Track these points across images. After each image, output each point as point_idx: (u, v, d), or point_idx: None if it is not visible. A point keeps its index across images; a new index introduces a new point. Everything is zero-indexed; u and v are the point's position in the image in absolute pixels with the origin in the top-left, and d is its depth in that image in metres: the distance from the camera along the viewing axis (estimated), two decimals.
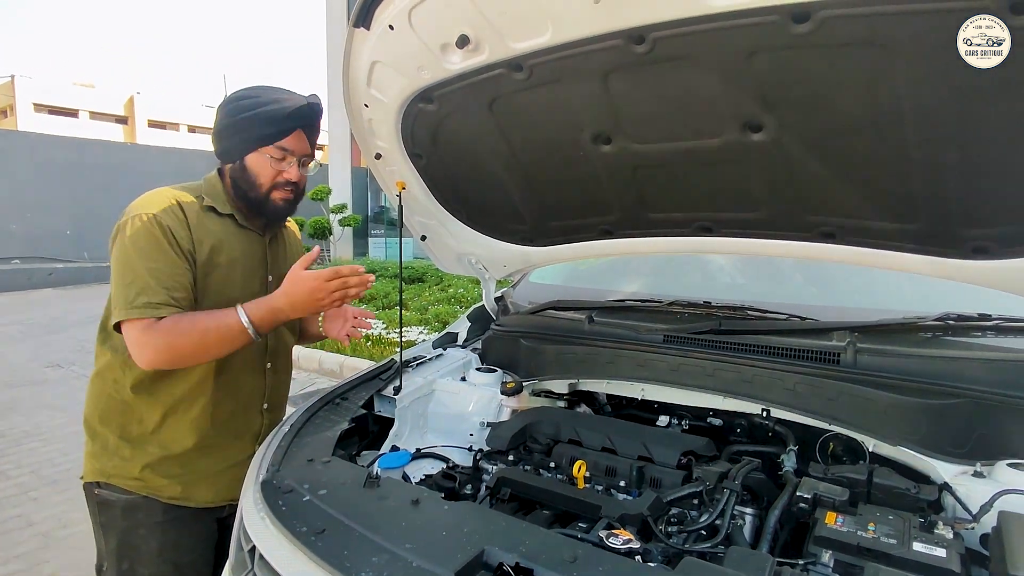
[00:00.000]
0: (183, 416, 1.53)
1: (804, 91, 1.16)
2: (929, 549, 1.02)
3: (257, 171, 1.51)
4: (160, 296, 1.37)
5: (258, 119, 1.48)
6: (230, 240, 1.55)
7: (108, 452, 1.53)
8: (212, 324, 1.40)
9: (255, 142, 1.50)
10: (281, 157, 1.52)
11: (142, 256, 1.39)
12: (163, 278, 1.39)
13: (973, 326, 1.50)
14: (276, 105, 1.48)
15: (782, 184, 1.39)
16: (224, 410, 1.58)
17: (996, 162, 1.14)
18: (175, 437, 1.53)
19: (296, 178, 1.55)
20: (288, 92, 1.54)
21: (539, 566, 0.94)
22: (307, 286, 1.43)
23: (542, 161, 1.64)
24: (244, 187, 1.53)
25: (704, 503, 1.31)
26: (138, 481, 1.52)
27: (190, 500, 1.55)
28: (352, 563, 0.97)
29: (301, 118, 1.51)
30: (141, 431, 1.52)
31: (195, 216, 1.49)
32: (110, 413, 1.54)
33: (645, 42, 1.17)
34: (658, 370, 1.69)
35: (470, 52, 1.32)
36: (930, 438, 1.32)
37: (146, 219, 1.41)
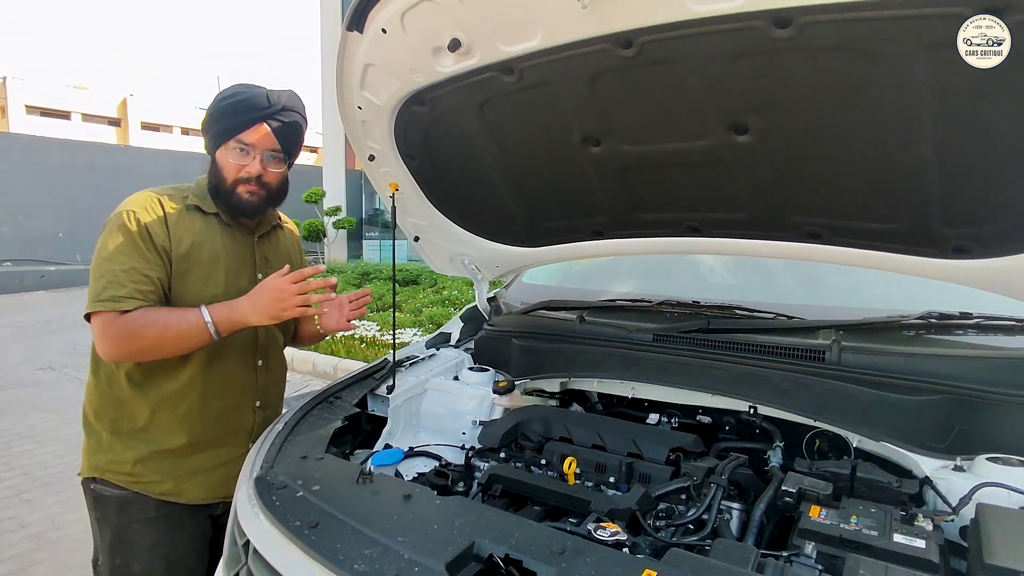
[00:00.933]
0: (172, 412, 1.54)
1: (787, 94, 1.19)
2: (909, 540, 1.04)
3: (222, 165, 1.54)
4: (125, 290, 1.41)
5: (220, 113, 1.51)
6: (214, 238, 1.56)
7: (102, 448, 1.55)
8: (172, 320, 1.43)
9: (220, 136, 1.53)
10: (242, 151, 1.53)
11: (115, 251, 1.43)
12: (131, 272, 1.42)
13: (955, 324, 1.54)
14: (235, 98, 1.51)
15: (768, 185, 1.42)
16: (214, 407, 1.59)
17: (974, 165, 1.17)
18: (165, 433, 1.55)
19: (256, 171, 1.54)
20: (251, 86, 1.55)
21: (528, 557, 0.96)
22: (270, 290, 1.42)
23: (533, 162, 1.66)
24: (214, 182, 1.56)
25: (692, 498, 1.33)
26: (129, 476, 1.53)
27: (181, 496, 1.56)
28: (345, 556, 0.99)
29: (258, 109, 1.51)
30: (132, 427, 1.54)
31: (176, 214, 1.52)
32: (104, 408, 1.56)
33: (632, 46, 1.19)
34: (648, 369, 1.72)
35: (461, 55, 1.35)
36: (912, 433, 1.35)
37: (124, 216, 1.46)
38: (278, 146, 1.56)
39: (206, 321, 1.44)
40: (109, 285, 1.40)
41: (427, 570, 0.94)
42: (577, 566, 0.93)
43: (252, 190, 1.55)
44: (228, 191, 1.55)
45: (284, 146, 1.57)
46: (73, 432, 4.68)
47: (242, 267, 1.63)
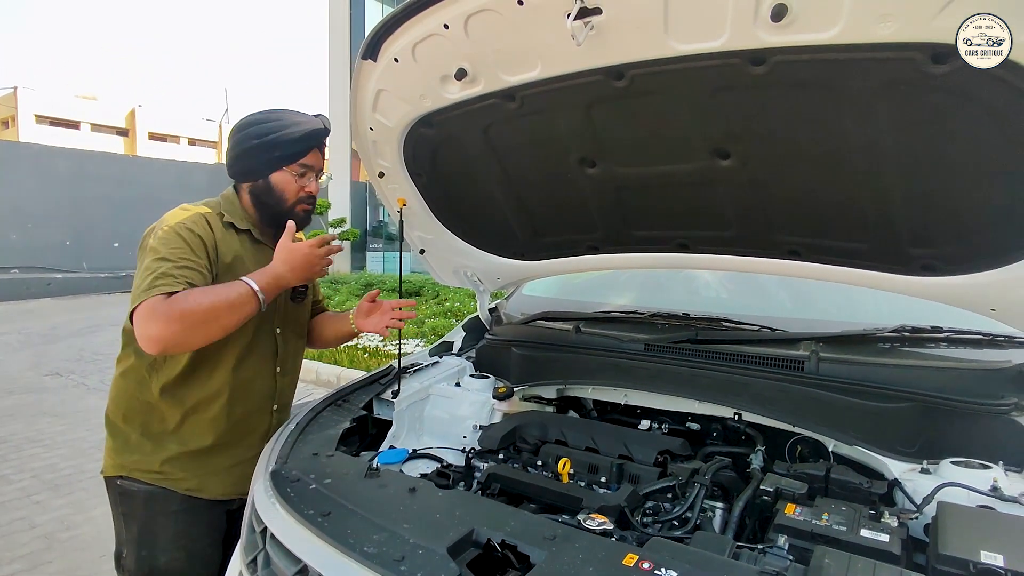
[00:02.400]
0: (202, 416, 1.64)
1: (764, 124, 1.30)
2: (875, 535, 1.14)
3: (283, 187, 1.67)
4: (176, 280, 1.44)
5: (282, 141, 1.63)
6: (247, 255, 1.68)
7: (130, 448, 1.64)
8: (222, 293, 1.47)
9: (281, 161, 1.65)
10: (303, 173, 1.68)
11: (168, 251, 1.48)
12: (180, 265, 1.47)
13: (926, 337, 1.64)
14: (297, 128, 1.64)
15: (750, 205, 1.53)
16: (238, 411, 1.69)
17: (936, 190, 1.27)
18: (194, 435, 1.64)
19: (316, 190, 1.73)
20: (301, 114, 1.69)
21: (522, 542, 1.06)
22: (302, 251, 1.59)
23: (533, 181, 1.77)
24: (270, 203, 1.68)
25: (677, 496, 1.42)
26: (157, 474, 1.63)
27: (203, 492, 1.66)
28: (356, 540, 1.09)
29: (318, 138, 1.69)
30: (162, 429, 1.64)
31: (220, 231, 1.63)
32: (133, 413, 1.65)
33: (624, 78, 1.31)
34: (639, 377, 1.82)
35: (467, 83, 1.46)
36: (883, 439, 1.44)
37: (175, 226, 1.54)
38: (323, 164, 1.75)
39: (254, 289, 1.51)
40: (159, 278, 1.42)
41: (430, 553, 1.03)
42: (566, 550, 1.03)
43: (307, 208, 1.72)
44: (287, 210, 1.68)
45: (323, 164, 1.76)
46: (80, 436, 4.78)
47: None
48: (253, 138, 1.63)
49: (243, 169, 1.69)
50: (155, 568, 1.62)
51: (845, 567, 1.02)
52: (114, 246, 15.23)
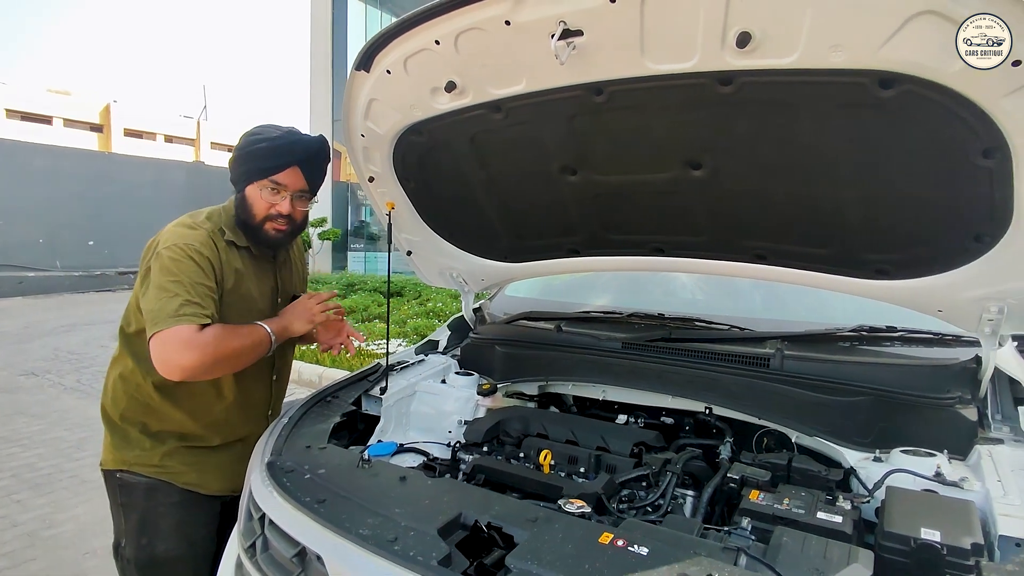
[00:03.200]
0: (203, 420, 1.71)
1: (732, 138, 1.40)
2: (829, 517, 1.24)
3: (252, 202, 1.65)
4: (202, 309, 1.51)
5: (257, 154, 1.62)
6: (248, 272, 1.72)
7: (130, 443, 1.69)
8: (247, 337, 1.58)
9: (253, 174, 1.64)
10: (274, 190, 1.64)
11: (185, 273, 1.52)
12: (203, 296, 1.53)
13: (882, 336, 1.76)
14: (273, 142, 1.61)
15: (720, 213, 1.63)
16: (237, 417, 1.76)
17: (886, 201, 1.39)
18: (196, 435, 1.71)
19: (287, 211, 1.66)
20: (290, 130, 1.67)
21: (506, 524, 1.14)
22: (304, 308, 1.76)
23: (517, 187, 1.86)
24: (243, 216, 1.67)
25: (651, 485, 1.52)
26: (158, 468, 1.68)
27: (202, 487, 1.72)
28: (351, 524, 1.16)
29: (294, 155, 1.63)
30: (162, 428, 1.69)
31: (224, 251, 1.65)
32: (132, 412, 1.69)
33: (603, 93, 1.40)
34: (616, 373, 1.91)
35: (456, 95, 1.54)
36: (840, 430, 1.56)
37: (189, 249, 1.56)
38: (306, 186, 1.69)
39: (270, 335, 1.62)
40: (187, 302, 1.48)
41: (422, 534, 1.12)
42: (547, 530, 1.12)
43: (279, 228, 1.68)
44: (256, 226, 1.67)
45: (311, 185, 1.70)
46: (59, 436, 4.75)
47: (266, 292, 1.79)
48: (238, 149, 1.66)
49: (231, 179, 1.70)
50: (154, 556, 1.67)
51: (801, 544, 1.13)
52: (89, 244, 14.99)
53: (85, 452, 4.38)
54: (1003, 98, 1.04)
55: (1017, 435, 1.49)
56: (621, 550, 1.05)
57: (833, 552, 1.10)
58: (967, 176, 1.22)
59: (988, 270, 1.37)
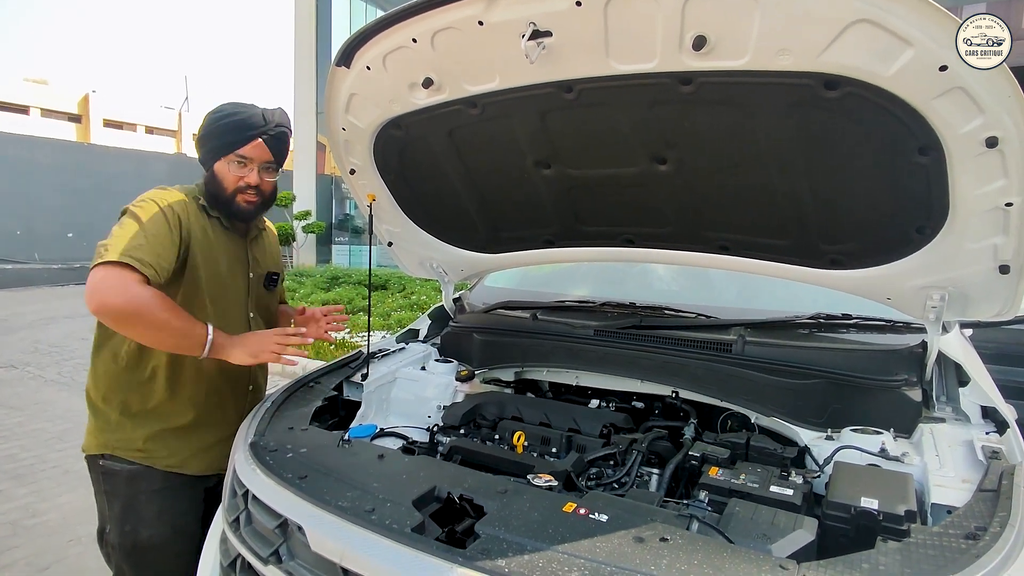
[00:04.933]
0: (183, 395, 1.74)
1: (694, 135, 1.48)
2: (781, 490, 1.33)
3: (222, 177, 1.74)
4: (151, 258, 1.52)
5: (222, 130, 1.71)
6: (217, 238, 1.77)
7: (111, 427, 1.72)
8: (180, 323, 1.55)
9: (220, 150, 1.72)
10: (241, 163, 1.73)
11: (149, 221, 1.57)
12: (157, 248, 1.55)
13: (838, 323, 1.86)
14: (236, 117, 1.71)
15: (685, 206, 1.72)
16: (217, 390, 1.80)
17: (836, 196, 1.48)
18: (175, 413, 1.74)
19: (255, 182, 1.75)
20: (251, 106, 1.75)
21: (477, 496, 1.22)
22: (263, 335, 1.69)
23: (493, 181, 1.93)
24: (213, 191, 1.75)
25: (618, 463, 1.61)
26: (140, 452, 1.71)
27: (185, 468, 1.76)
28: (330, 497, 1.23)
29: (257, 128, 1.72)
30: (142, 408, 1.72)
31: (194, 212, 1.72)
32: (113, 392, 1.72)
33: (573, 91, 1.48)
34: (589, 359, 2.00)
35: (433, 91, 1.61)
36: (796, 411, 1.65)
37: (161, 202, 1.63)
38: (271, 157, 1.78)
39: (208, 339, 1.58)
40: (139, 247, 1.51)
41: (397, 505, 1.19)
42: (516, 502, 1.20)
43: (249, 199, 1.77)
44: (228, 199, 1.75)
45: (276, 157, 1.79)
46: (40, 428, 4.74)
47: (237, 266, 1.83)
48: (205, 127, 1.74)
49: (200, 158, 1.78)
50: (138, 542, 1.71)
51: (751, 513, 1.22)
52: (68, 237, 14.79)
53: (67, 443, 4.38)
54: (934, 100, 1.12)
55: (958, 414, 1.59)
56: (583, 517, 1.13)
57: (780, 519, 1.19)
58: (907, 172, 1.31)
59: (930, 260, 1.47)
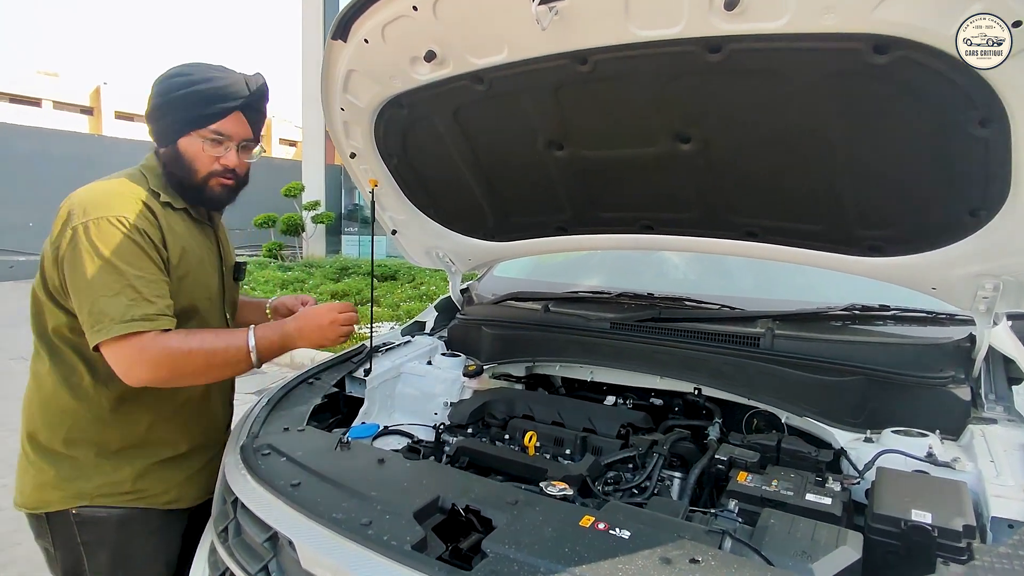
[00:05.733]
0: (172, 421, 1.50)
1: (722, 109, 1.35)
2: (819, 499, 1.22)
3: (192, 156, 1.41)
4: (156, 307, 1.29)
5: (191, 99, 1.38)
6: (193, 239, 1.49)
7: (85, 473, 1.41)
8: (220, 345, 1.35)
9: (188, 124, 1.40)
10: (217, 141, 1.42)
11: (127, 264, 1.27)
12: (153, 288, 1.29)
13: (874, 315, 1.72)
14: (210, 84, 1.38)
15: (710, 188, 1.58)
16: (208, 408, 1.60)
17: (878, 175, 1.34)
18: (166, 442, 1.50)
19: (234, 164, 1.46)
20: (226, 70, 1.44)
21: (485, 507, 1.11)
22: (319, 315, 1.47)
23: (502, 163, 1.81)
24: (178, 173, 1.43)
25: (637, 467, 1.49)
26: (131, 495, 1.44)
27: (183, 501, 1.53)
28: (324, 508, 1.13)
29: (238, 99, 1.41)
30: (123, 444, 1.44)
31: (161, 216, 1.39)
32: (79, 431, 1.41)
33: (588, 63, 1.35)
34: (604, 354, 1.88)
35: (436, 65, 1.48)
36: (831, 410, 1.53)
37: (117, 223, 1.30)
38: (252, 134, 1.49)
39: (249, 348, 1.37)
40: (135, 302, 1.25)
41: (397, 518, 1.08)
42: (527, 514, 1.08)
43: (225, 183, 1.47)
44: (199, 185, 1.45)
45: (256, 133, 1.51)
46: None
47: (211, 263, 1.56)
48: (162, 95, 1.39)
49: (153, 131, 1.45)
50: None
51: (788, 527, 1.10)
52: None
53: None
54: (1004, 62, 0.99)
55: (1011, 415, 1.46)
56: (602, 533, 1.02)
57: (821, 534, 1.07)
58: (963, 147, 1.17)
59: (983, 246, 1.33)
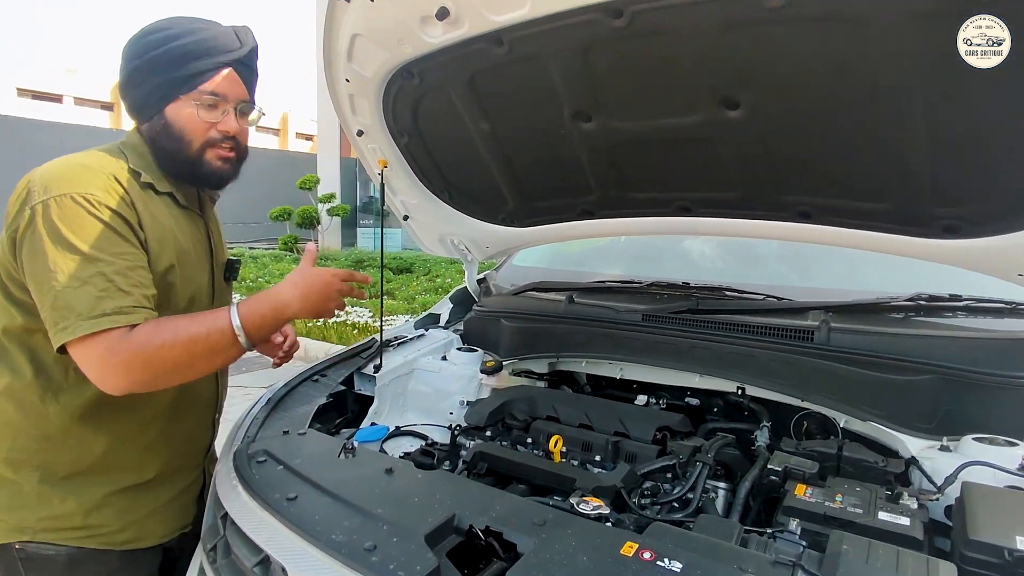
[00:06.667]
0: (137, 443, 1.28)
1: (778, 67, 1.17)
2: (894, 518, 1.05)
3: (183, 124, 1.22)
4: (132, 298, 1.08)
5: (174, 55, 1.18)
6: (179, 228, 1.28)
7: (27, 503, 1.21)
8: (200, 331, 1.12)
9: (175, 86, 1.20)
10: (212, 105, 1.23)
11: (95, 249, 1.08)
12: (128, 276, 1.09)
13: (944, 306, 1.53)
14: (195, 36, 1.19)
15: (758, 162, 1.40)
16: (182, 428, 1.37)
17: (964, 142, 1.16)
18: (127, 468, 1.27)
19: (234, 130, 1.26)
20: (209, 21, 1.25)
21: (508, 528, 0.95)
22: (325, 283, 1.24)
23: (523, 139, 1.64)
24: (170, 147, 1.23)
25: (677, 476, 1.33)
26: (82, 531, 1.22)
27: (145, 540, 1.30)
28: (323, 527, 0.98)
29: (227, 51, 1.22)
30: (75, 468, 1.23)
31: (139, 197, 1.19)
32: (23, 453, 1.21)
33: (623, 16, 1.17)
34: (636, 348, 1.71)
35: (450, 25, 1.32)
36: (898, 414, 1.35)
37: (84, 200, 1.10)
38: (248, 95, 1.29)
39: (235, 327, 1.14)
40: (106, 293, 1.06)
41: (405, 541, 0.93)
42: (558, 537, 0.93)
43: (225, 155, 1.27)
44: (194, 158, 1.24)
45: (251, 94, 1.31)
46: None
47: (199, 258, 1.36)
48: (137, 56, 1.18)
49: (133, 104, 1.24)
50: None
51: (865, 553, 0.92)
52: None
53: None
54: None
55: None
56: (649, 565, 0.86)
57: (907, 564, 0.90)
58: None
59: None
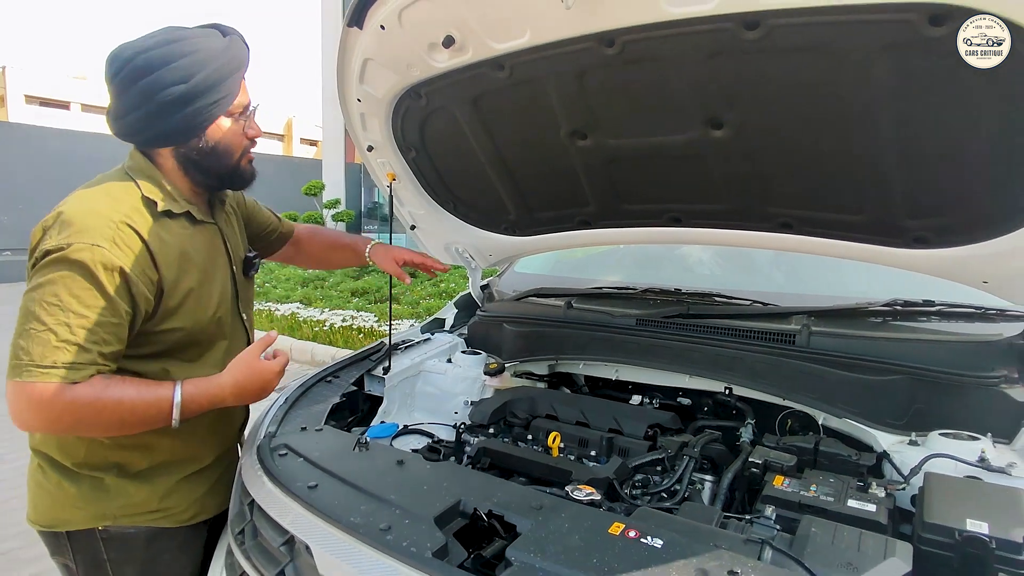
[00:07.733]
0: (194, 436, 1.40)
1: (759, 92, 1.27)
2: (861, 505, 1.14)
3: (228, 140, 1.34)
4: (87, 355, 1.14)
5: (211, 82, 1.25)
6: (195, 247, 1.36)
7: (108, 494, 1.33)
8: (140, 400, 1.19)
9: (218, 108, 1.29)
10: (242, 114, 1.37)
11: (72, 296, 1.14)
12: (96, 330, 1.15)
13: (918, 311, 1.63)
14: (222, 59, 1.27)
15: (743, 177, 1.51)
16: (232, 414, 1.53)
17: (930, 160, 1.26)
18: (193, 456, 1.43)
19: (258, 132, 1.42)
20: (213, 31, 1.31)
21: (509, 512, 1.05)
22: (263, 379, 1.30)
23: (524, 155, 1.75)
24: (215, 165, 1.34)
25: (667, 469, 1.42)
26: (156, 513, 1.38)
27: (204, 512, 1.46)
28: (342, 511, 1.08)
29: (244, 60, 1.34)
30: (148, 464, 1.37)
31: (154, 234, 1.25)
32: (99, 455, 1.32)
33: (615, 45, 1.28)
34: (630, 351, 1.81)
35: (456, 51, 1.43)
36: (872, 411, 1.44)
37: (88, 254, 1.15)
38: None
39: (174, 404, 1.21)
40: (62, 346, 1.11)
41: (417, 522, 1.03)
42: (553, 519, 1.03)
43: (251, 157, 1.42)
44: (234, 168, 1.37)
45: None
46: None
47: (219, 267, 1.44)
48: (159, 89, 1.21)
49: (168, 131, 1.28)
50: None
51: (831, 535, 1.02)
52: None
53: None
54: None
55: None
56: (633, 541, 0.96)
57: (867, 544, 1.00)
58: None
59: None
